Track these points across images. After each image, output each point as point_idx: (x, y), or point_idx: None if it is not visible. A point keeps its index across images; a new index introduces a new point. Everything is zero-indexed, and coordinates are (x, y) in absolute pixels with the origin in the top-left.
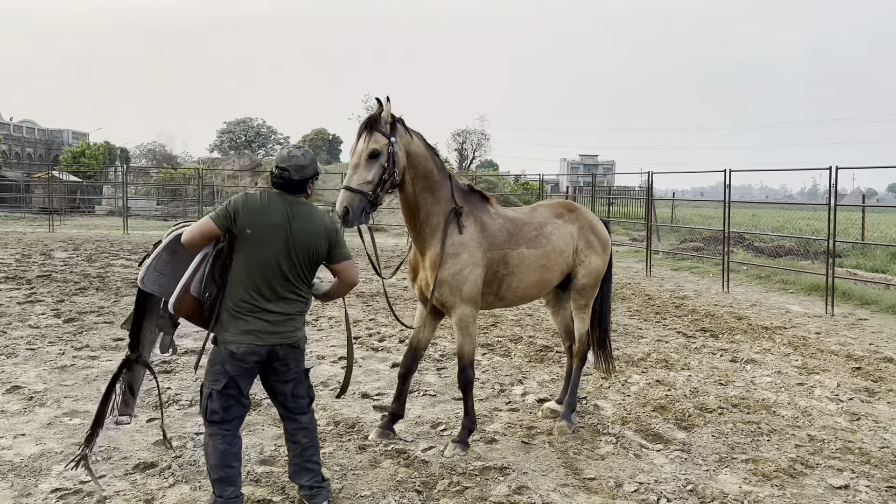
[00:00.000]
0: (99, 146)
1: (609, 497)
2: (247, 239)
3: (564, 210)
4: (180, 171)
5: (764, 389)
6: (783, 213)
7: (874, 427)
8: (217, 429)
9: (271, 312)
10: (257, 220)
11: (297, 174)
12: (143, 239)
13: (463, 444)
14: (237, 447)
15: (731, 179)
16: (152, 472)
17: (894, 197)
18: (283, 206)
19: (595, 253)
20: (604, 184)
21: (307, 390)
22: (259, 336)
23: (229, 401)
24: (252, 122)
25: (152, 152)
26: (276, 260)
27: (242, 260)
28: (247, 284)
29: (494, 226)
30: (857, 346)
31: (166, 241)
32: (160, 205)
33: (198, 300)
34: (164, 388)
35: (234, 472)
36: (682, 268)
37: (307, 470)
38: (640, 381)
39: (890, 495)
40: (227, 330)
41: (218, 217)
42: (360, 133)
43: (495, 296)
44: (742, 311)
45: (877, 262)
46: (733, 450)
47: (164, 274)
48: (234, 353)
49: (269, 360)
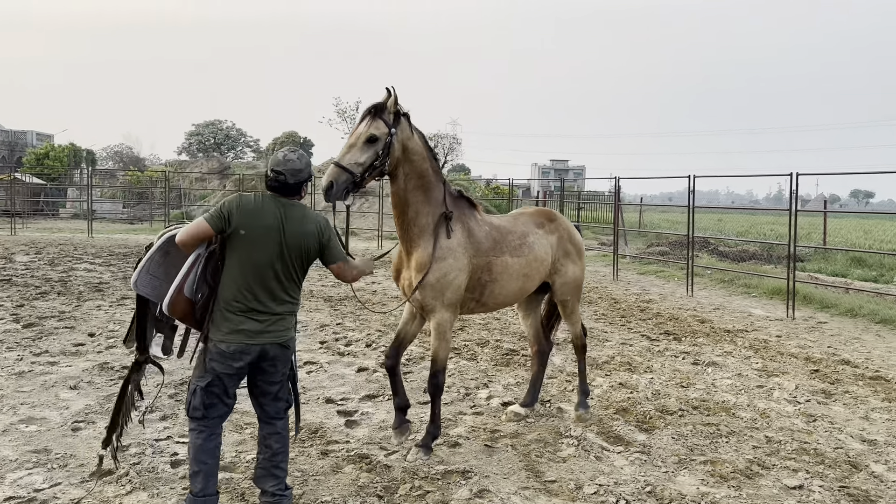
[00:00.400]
0: (64, 148)
1: (569, 499)
2: (240, 240)
3: (545, 219)
4: (147, 173)
5: (724, 392)
6: (748, 218)
7: (829, 428)
8: (196, 424)
9: (263, 313)
10: (251, 221)
11: (292, 178)
12: (109, 242)
13: (426, 448)
14: (212, 444)
15: (695, 185)
16: (109, 480)
17: (857, 202)
18: (276, 208)
19: (572, 261)
20: (574, 188)
21: (287, 395)
22: (250, 335)
23: (212, 398)
24: (221, 124)
25: (119, 155)
26: (269, 261)
27: (236, 260)
28: (239, 284)
29: (481, 232)
30: (816, 348)
31: (159, 242)
32: (126, 208)
33: (190, 301)
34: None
35: (206, 469)
36: (649, 272)
37: (273, 476)
38: (604, 384)
39: (842, 495)
40: (219, 329)
41: (212, 218)
42: (364, 116)
43: (477, 301)
44: (705, 314)
45: (837, 266)
46: (692, 451)
47: (156, 276)
48: (225, 351)
49: (259, 359)
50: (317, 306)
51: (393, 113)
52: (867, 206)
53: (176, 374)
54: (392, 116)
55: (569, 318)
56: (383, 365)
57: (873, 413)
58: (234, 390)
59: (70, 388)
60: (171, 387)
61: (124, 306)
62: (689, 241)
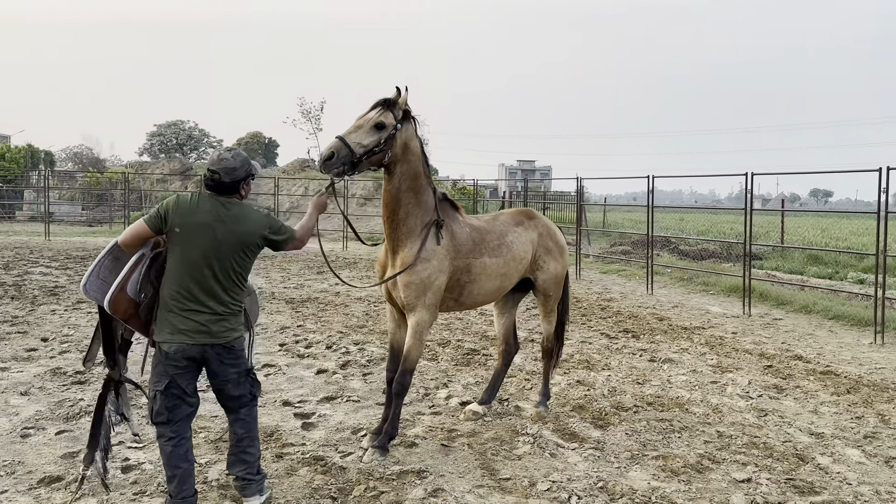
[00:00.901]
0: (21, 149)
1: (522, 496)
2: (177, 237)
3: (524, 217)
4: (107, 175)
5: (679, 388)
6: (710, 217)
7: (779, 422)
8: (163, 429)
9: (201, 312)
10: (186, 219)
11: (226, 176)
12: (66, 245)
13: (382, 449)
14: (183, 448)
15: (654, 185)
16: (58, 487)
17: (816, 201)
18: (212, 206)
19: (553, 258)
20: (541, 189)
21: (249, 389)
22: (189, 335)
23: (173, 400)
24: (183, 124)
25: (79, 156)
26: (203, 258)
27: (173, 258)
28: (178, 283)
29: (462, 235)
30: (771, 344)
31: (108, 246)
32: (85, 210)
33: (134, 301)
34: (76, 400)
35: (182, 472)
36: (611, 271)
37: (242, 461)
38: (562, 382)
39: (788, 487)
40: (162, 330)
41: (150, 219)
42: (376, 106)
43: (455, 301)
44: (664, 312)
45: (795, 263)
46: (645, 447)
47: (105, 281)
48: (168, 352)
49: (203, 360)
50: (278, 308)
51: (403, 110)
52: (826, 204)
53: None
54: (401, 113)
55: (546, 315)
56: (386, 379)
57: (822, 407)
58: (192, 388)
59: (20, 394)
60: None
61: (80, 310)
62: (648, 241)
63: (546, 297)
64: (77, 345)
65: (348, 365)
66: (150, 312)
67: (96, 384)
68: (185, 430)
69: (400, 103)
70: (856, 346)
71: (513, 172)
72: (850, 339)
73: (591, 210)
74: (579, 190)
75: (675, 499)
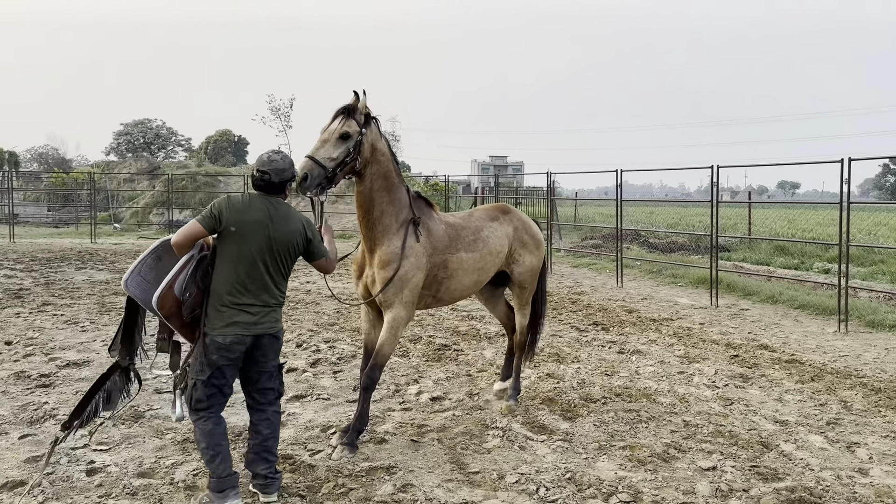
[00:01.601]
0: None
1: (491, 489)
2: (231, 236)
3: (499, 213)
4: (72, 175)
5: (646, 379)
6: (679, 211)
7: (745, 411)
8: (202, 413)
9: (254, 305)
10: (240, 217)
11: (276, 177)
12: (31, 247)
13: (351, 445)
14: (222, 426)
15: (622, 179)
16: (20, 491)
17: (784, 193)
18: (263, 205)
19: (529, 251)
20: (513, 184)
21: (278, 384)
22: (244, 327)
23: (212, 390)
24: (151, 123)
25: (44, 156)
26: (258, 254)
27: (227, 256)
28: (232, 280)
29: (439, 231)
30: (737, 334)
31: (153, 246)
32: (51, 211)
33: (178, 300)
34: (41, 403)
35: (223, 450)
36: (582, 264)
37: (264, 459)
38: (532, 375)
39: (752, 474)
40: (215, 323)
41: (204, 219)
42: (337, 115)
43: (433, 297)
44: (633, 304)
45: (762, 255)
46: (612, 437)
47: (146, 279)
48: (222, 343)
49: (253, 349)
50: None
51: (364, 114)
52: (793, 196)
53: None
54: (363, 117)
55: (521, 307)
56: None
57: (787, 395)
58: (232, 380)
59: None
60: None
61: (45, 313)
62: (617, 234)
63: (522, 290)
64: (42, 347)
65: (318, 363)
66: (190, 312)
67: (61, 387)
68: (220, 413)
69: (360, 108)
70: (820, 335)
71: (485, 168)
72: (815, 327)
73: (563, 204)
74: (550, 185)
75: (641, 488)
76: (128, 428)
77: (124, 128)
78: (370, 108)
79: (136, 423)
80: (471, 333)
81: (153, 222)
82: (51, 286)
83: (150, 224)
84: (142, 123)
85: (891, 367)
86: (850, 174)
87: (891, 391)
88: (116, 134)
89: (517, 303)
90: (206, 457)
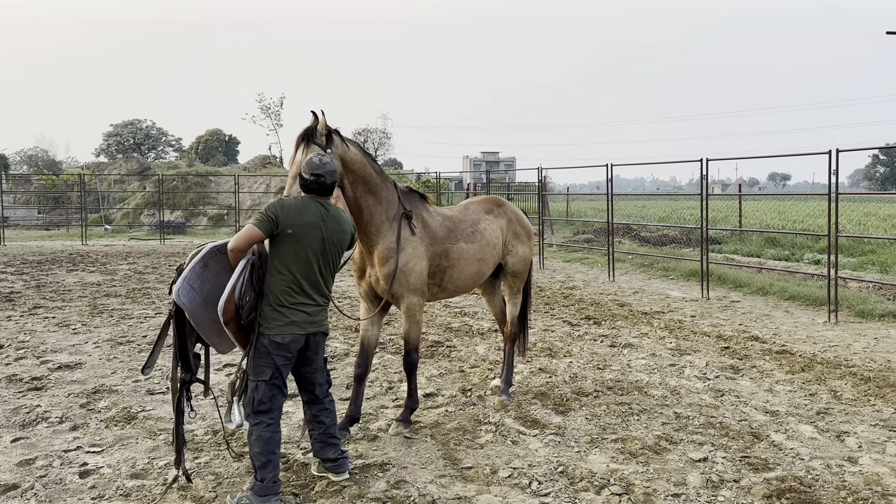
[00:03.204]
0: None
1: (484, 484)
2: (287, 238)
3: (493, 205)
4: (62, 177)
5: (638, 372)
6: (671, 204)
7: (735, 402)
8: (263, 418)
9: (309, 304)
10: (296, 220)
11: (329, 178)
12: (22, 250)
13: (406, 422)
14: (279, 436)
15: (612, 173)
16: (13, 494)
17: (774, 185)
18: (316, 207)
19: (521, 242)
20: (505, 180)
21: (327, 377)
22: (300, 326)
23: (273, 390)
24: (141, 123)
25: (33, 158)
26: (314, 255)
27: (283, 258)
28: (289, 280)
29: (434, 223)
30: (728, 326)
31: (201, 254)
32: (42, 213)
33: (237, 305)
34: (33, 406)
35: (275, 459)
36: (574, 259)
37: (331, 445)
38: (524, 370)
39: (743, 464)
40: (272, 323)
41: (262, 223)
42: (298, 145)
43: (439, 287)
44: (625, 298)
45: (752, 246)
46: (604, 430)
47: (193, 288)
48: (280, 343)
49: (306, 347)
50: None
51: (325, 135)
52: (784, 188)
53: (88, 382)
54: (324, 138)
55: (512, 297)
56: (354, 375)
57: (777, 385)
58: (286, 379)
59: None
60: (82, 396)
61: (36, 316)
62: (609, 228)
63: (514, 279)
64: (33, 350)
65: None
66: (247, 315)
67: (54, 390)
68: (279, 420)
69: (320, 129)
70: (811, 326)
71: (477, 164)
72: (805, 318)
73: (556, 200)
74: (541, 180)
75: (633, 480)
76: (120, 429)
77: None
78: (330, 126)
79: (128, 424)
80: (463, 330)
81: (144, 223)
82: (42, 289)
83: (141, 225)
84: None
85: (880, 357)
86: (837, 165)
87: (880, 380)
88: (106, 135)
89: (508, 292)
90: (257, 462)
